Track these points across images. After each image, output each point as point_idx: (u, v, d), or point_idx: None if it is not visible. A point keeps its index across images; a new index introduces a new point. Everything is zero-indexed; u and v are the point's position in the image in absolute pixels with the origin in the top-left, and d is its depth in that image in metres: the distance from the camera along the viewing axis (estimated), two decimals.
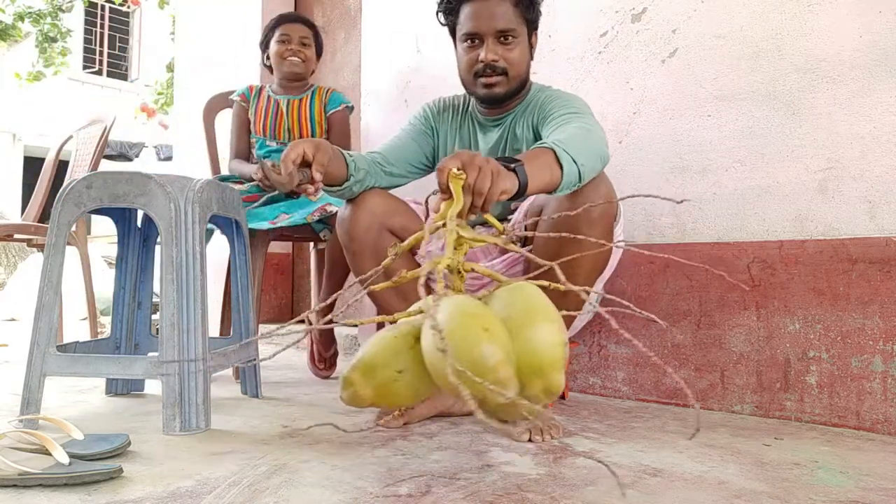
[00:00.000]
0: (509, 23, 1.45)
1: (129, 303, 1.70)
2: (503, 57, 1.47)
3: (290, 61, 2.19)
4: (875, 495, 1.00)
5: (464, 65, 1.53)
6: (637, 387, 1.74)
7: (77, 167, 2.56)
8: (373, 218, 1.44)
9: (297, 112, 2.21)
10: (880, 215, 1.43)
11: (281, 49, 2.18)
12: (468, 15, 1.48)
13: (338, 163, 1.39)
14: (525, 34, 1.50)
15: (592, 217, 1.27)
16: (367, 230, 1.43)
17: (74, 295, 3.27)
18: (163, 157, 10.72)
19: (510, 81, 1.50)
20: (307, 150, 1.26)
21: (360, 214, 1.44)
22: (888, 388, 1.39)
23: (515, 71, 1.49)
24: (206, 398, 1.36)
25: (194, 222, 1.39)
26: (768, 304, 1.55)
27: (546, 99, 1.51)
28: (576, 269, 1.30)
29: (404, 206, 1.51)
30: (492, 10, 1.45)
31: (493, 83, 1.49)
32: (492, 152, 1.58)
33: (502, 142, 1.57)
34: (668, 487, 1.01)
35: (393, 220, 1.46)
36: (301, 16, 2.32)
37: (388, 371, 0.93)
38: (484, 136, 1.61)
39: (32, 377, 1.35)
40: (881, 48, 1.43)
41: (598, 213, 1.29)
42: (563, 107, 1.45)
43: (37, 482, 0.98)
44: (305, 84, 2.27)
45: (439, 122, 1.66)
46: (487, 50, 1.46)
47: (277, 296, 3.27)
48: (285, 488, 0.99)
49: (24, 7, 7.86)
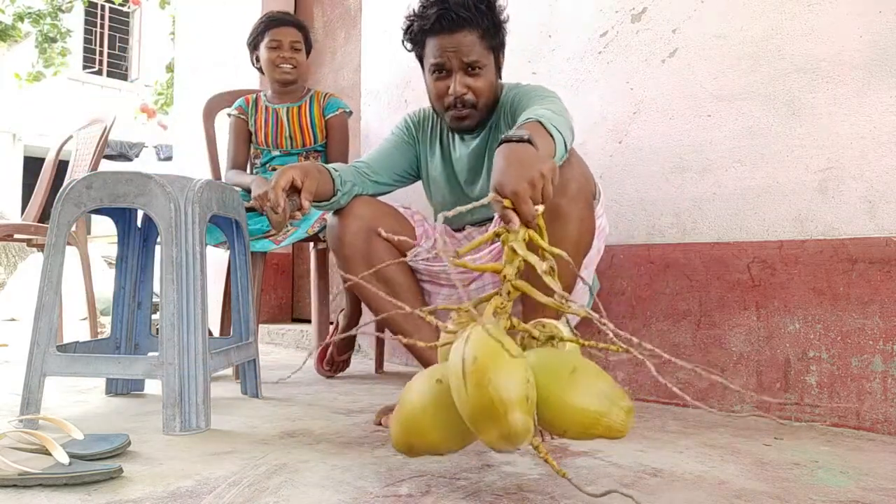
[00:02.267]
0: (476, 55, 1.46)
1: (129, 303, 1.70)
2: (471, 88, 1.48)
3: (282, 69, 2.16)
4: (875, 495, 1.00)
5: (433, 94, 1.54)
6: (637, 387, 1.74)
7: (77, 167, 2.56)
8: (361, 223, 1.45)
9: (297, 119, 2.20)
10: (880, 215, 1.43)
11: (272, 56, 2.15)
12: (434, 47, 1.48)
13: (324, 180, 1.43)
14: (492, 61, 1.51)
15: (570, 192, 1.28)
16: (355, 235, 1.44)
17: (74, 295, 3.27)
18: (163, 157, 10.72)
19: (480, 111, 1.52)
20: (296, 177, 1.31)
21: (349, 220, 1.45)
22: (888, 388, 1.39)
23: (484, 100, 1.51)
24: (206, 398, 1.36)
25: (194, 222, 1.39)
26: (768, 304, 1.55)
27: (517, 97, 1.52)
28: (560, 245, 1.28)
29: (392, 211, 1.53)
30: (457, 42, 1.45)
31: (463, 116, 1.51)
32: (473, 157, 1.59)
33: (485, 146, 1.58)
34: (668, 487, 1.01)
35: (382, 225, 1.47)
36: (290, 17, 2.27)
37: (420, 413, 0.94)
38: (462, 142, 1.62)
39: (32, 377, 1.35)
40: (881, 48, 1.43)
41: (575, 188, 1.29)
42: (531, 98, 1.46)
43: (37, 482, 0.98)
44: (300, 88, 2.26)
45: (419, 132, 1.69)
46: (456, 83, 1.47)
47: (277, 296, 3.27)
48: (285, 488, 0.99)
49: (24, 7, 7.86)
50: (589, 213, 1.33)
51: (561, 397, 0.89)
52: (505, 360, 0.82)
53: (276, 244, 1.96)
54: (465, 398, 0.83)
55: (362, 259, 1.45)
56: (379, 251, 1.45)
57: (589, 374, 0.91)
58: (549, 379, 0.90)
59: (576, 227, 1.31)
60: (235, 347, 1.58)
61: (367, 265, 1.44)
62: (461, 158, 1.61)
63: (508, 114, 1.54)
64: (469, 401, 0.83)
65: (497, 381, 0.81)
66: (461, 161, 1.62)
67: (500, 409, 0.80)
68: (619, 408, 0.90)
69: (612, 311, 1.78)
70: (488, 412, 0.81)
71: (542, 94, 1.47)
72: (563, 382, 0.89)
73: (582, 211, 1.31)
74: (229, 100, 2.34)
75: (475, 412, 0.83)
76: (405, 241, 1.37)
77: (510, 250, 1.00)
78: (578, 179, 1.29)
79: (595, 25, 1.88)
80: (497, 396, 0.81)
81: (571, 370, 0.90)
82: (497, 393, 0.81)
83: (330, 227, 1.49)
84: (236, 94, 2.37)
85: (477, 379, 0.82)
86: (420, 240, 1.53)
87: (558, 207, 1.27)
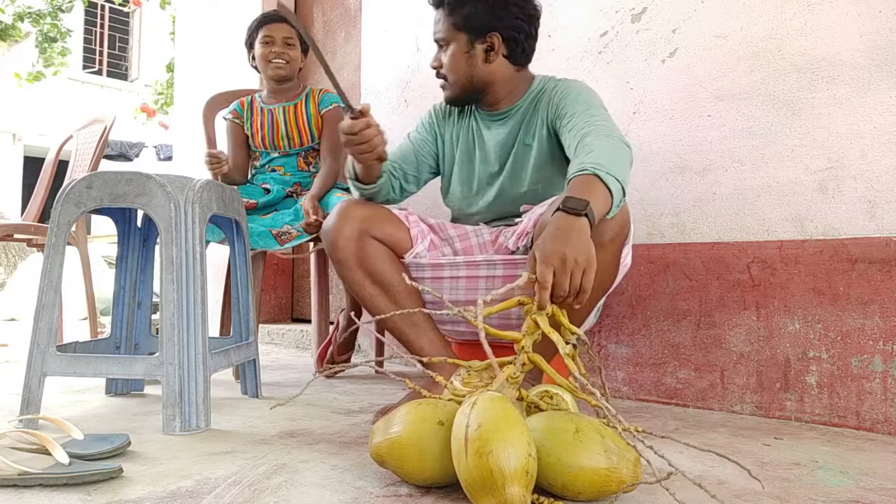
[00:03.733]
0: (442, 33, 1.57)
1: (129, 303, 1.70)
2: (441, 63, 1.59)
3: (275, 64, 2.14)
4: (875, 495, 1.00)
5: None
6: (637, 387, 1.74)
7: (77, 167, 2.56)
8: (355, 226, 1.45)
9: (293, 118, 2.17)
10: (880, 215, 1.43)
11: (265, 51, 2.14)
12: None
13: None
14: (461, 39, 1.55)
15: (604, 240, 1.27)
16: (349, 238, 1.44)
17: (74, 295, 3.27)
18: (163, 157, 10.72)
19: (451, 86, 1.60)
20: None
21: (343, 223, 1.45)
22: (888, 388, 1.39)
23: (451, 77, 1.59)
24: (206, 398, 1.36)
25: (194, 222, 1.39)
26: (768, 304, 1.55)
27: (556, 94, 1.53)
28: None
29: (387, 213, 1.53)
30: (435, 20, 1.59)
31: (442, 87, 1.62)
32: (501, 147, 1.60)
33: (514, 137, 1.59)
34: (668, 487, 1.01)
35: (376, 227, 1.47)
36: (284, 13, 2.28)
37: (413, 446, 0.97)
38: (489, 131, 1.63)
39: (32, 377, 1.35)
40: (881, 48, 1.43)
41: (609, 236, 1.28)
42: (575, 102, 1.47)
43: (37, 482, 0.98)
44: (295, 86, 2.23)
45: (444, 125, 1.72)
46: (433, 58, 1.61)
47: (277, 296, 3.27)
48: (285, 488, 0.99)
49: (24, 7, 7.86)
50: (616, 260, 1.33)
51: (569, 461, 0.90)
52: (508, 432, 0.83)
53: (279, 245, 1.95)
54: (465, 464, 0.84)
55: (356, 261, 1.44)
56: (373, 254, 1.45)
57: (592, 431, 0.92)
58: (555, 444, 0.91)
59: (601, 275, 1.30)
60: (235, 347, 1.58)
61: (362, 268, 1.44)
62: (487, 146, 1.63)
63: (547, 109, 1.54)
64: (468, 467, 0.84)
65: (498, 452, 0.82)
66: (486, 148, 1.63)
67: (498, 481, 0.82)
68: (627, 460, 0.91)
69: (612, 312, 1.79)
70: (487, 482, 0.82)
71: (586, 101, 1.47)
72: (569, 446, 0.90)
73: (610, 258, 1.31)
74: (229, 100, 2.34)
75: (473, 479, 0.84)
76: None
77: (532, 322, 1.01)
78: (614, 228, 1.28)
79: (595, 25, 1.88)
80: (497, 467, 0.82)
81: (575, 431, 0.92)
82: (497, 464, 0.82)
83: (324, 230, 1.49)
84: (236, 94, 2.37)
85: (478, 447, 0.83)
86: (416, 241, 1.53)
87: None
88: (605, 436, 0.92)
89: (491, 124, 1.63)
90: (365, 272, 1.45)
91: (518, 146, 1.58)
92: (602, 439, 0.91)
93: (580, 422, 0.94)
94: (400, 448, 0.97)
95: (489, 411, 0.86)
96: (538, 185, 1.55)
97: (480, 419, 0.85)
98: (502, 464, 0.81)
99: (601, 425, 0.95)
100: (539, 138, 1.54)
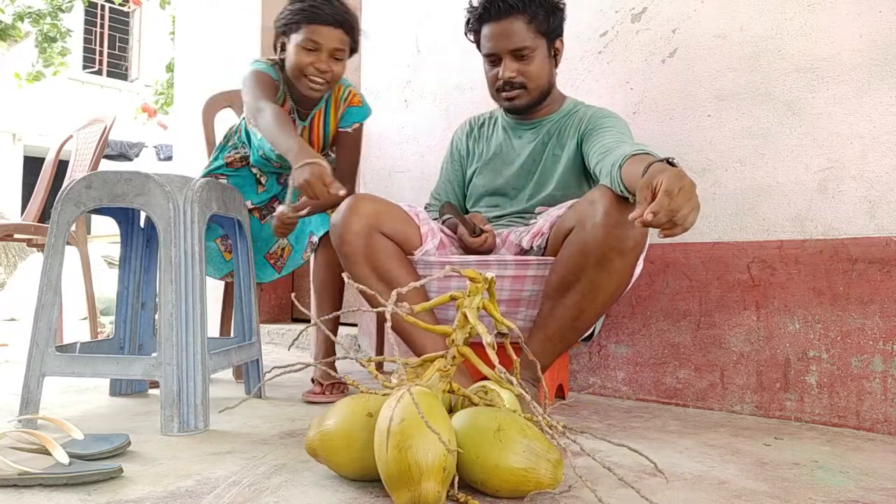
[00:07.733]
0: (523, 41, 1.54)
1: (132, 303, 1.70)
2: (520, 72, 1.57)
3: (313, 82, 1.67)
4: (875, 495, 1.00)
5: (489, 81, 1.64)
6: (637, 386, 1.74)
7: (77, 167, 2.56)
8: (364, 221, 1.45)
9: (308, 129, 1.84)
10: (880, 215, 1.43)
11: (303, 61, 1.65)
12: (486, 36, 1.58)
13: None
14: (543, 46, 1.57)
15: (626, 247, 1.28)
16: (357, 234, 1.44)
17: (74, 295, 3.27)
18: (163, 157, 10.71)
19: (531, 93, 1.60)
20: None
21: (352, 218, 1.45)
22: (888, 388, 1.39)
23: (534, 83, 1.59)
24: (205, 398, 1.36)
25: (193, 222, 1.39)
26: (768, 304, 1.55)
27: (594, 114, 1.58)
28: (597, 293, 1.34)
29: (397, 210, 1.52)
30: (505, 29, 1.54)
31: (513, 97, 1.60)
32: (532, 155, 1.65)
33: (543, 146, 1.64)
34: (668, 487, 1.01)
35: (385, 223, 1.47)
36: (341, 13, 1.68)
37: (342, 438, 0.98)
38: (519, 139, 1.69)
39: (32, 377, 1.35)
40: (881, 48, 1.43)
41: (631, 244, 1.28)
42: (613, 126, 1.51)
43: (37, 482, 0.98)
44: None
45: (470, 143, 1.79)
46: (505, 68, 1.56)
47: (277, 296, 3.27)
48: (285, 488, 0.99)
49: (24, 7, 7.86)
50: (632, 269, 1.34)
51: (488, 459, 0.91)
52: (429, 428, 0.84)
53: (277, 273, 1.92)
54: (385, 456, 0.85)
55: (363, 257, 1.45)
56: (380, 250, 1.45)
57: (514, 430, 0.93)
58: (475, 441, 0.92)
59: (615, 281, 1.33)
60: (236, 347, 1.58)
61: (369, 263, 1.45)
62: (514, 153, 1.68)
63: (580, 126, 1.58)
64: (387, 460, 0.85)
65: (417, 446, 0.83)
66: (512, 155, 1.68)
67: (415, 475, 0.83)
68: (547, 461, 0.92)
69: (612, 311, 1.78)
70: (404, 475, 0.83)
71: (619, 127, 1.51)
72: (488, 443, 0.91)
73: (628, 266, 1.32)
74: (229, 100, 2.33)
75: (392, 473, 0.85)
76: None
77: (462, 316, 1.02)
78: (636, 237, 1.29)
79: (595, 25, 1.88)
80: (414, 462, 0.83)
81: (496, 429, 0.92)
82: (415, 458, 0.83)
83: (333, 224, 1.48)
84: (236, 94, 2.36)
85: (399, 441, 0.84)
86: (425, 238, 1.52)
87: (609, 262, 1.29)
88: (528, 436, 0.93)
89: (523, 133, 1.69)
90: (371, 268, 1.46)
91: (548, 155, 1.63)
92: (524, 439, 0.92)
93: (504, 420, 0.94)
94: (330, 440, 0.98)
95: (411, 405, 0.87)
96: (558, 191, 1.60)
97: (405, 413, 0.86)
98: (420, 458, 0.83)
99: (527, 424, 0.95)
100: (568, 150, 1.59)
